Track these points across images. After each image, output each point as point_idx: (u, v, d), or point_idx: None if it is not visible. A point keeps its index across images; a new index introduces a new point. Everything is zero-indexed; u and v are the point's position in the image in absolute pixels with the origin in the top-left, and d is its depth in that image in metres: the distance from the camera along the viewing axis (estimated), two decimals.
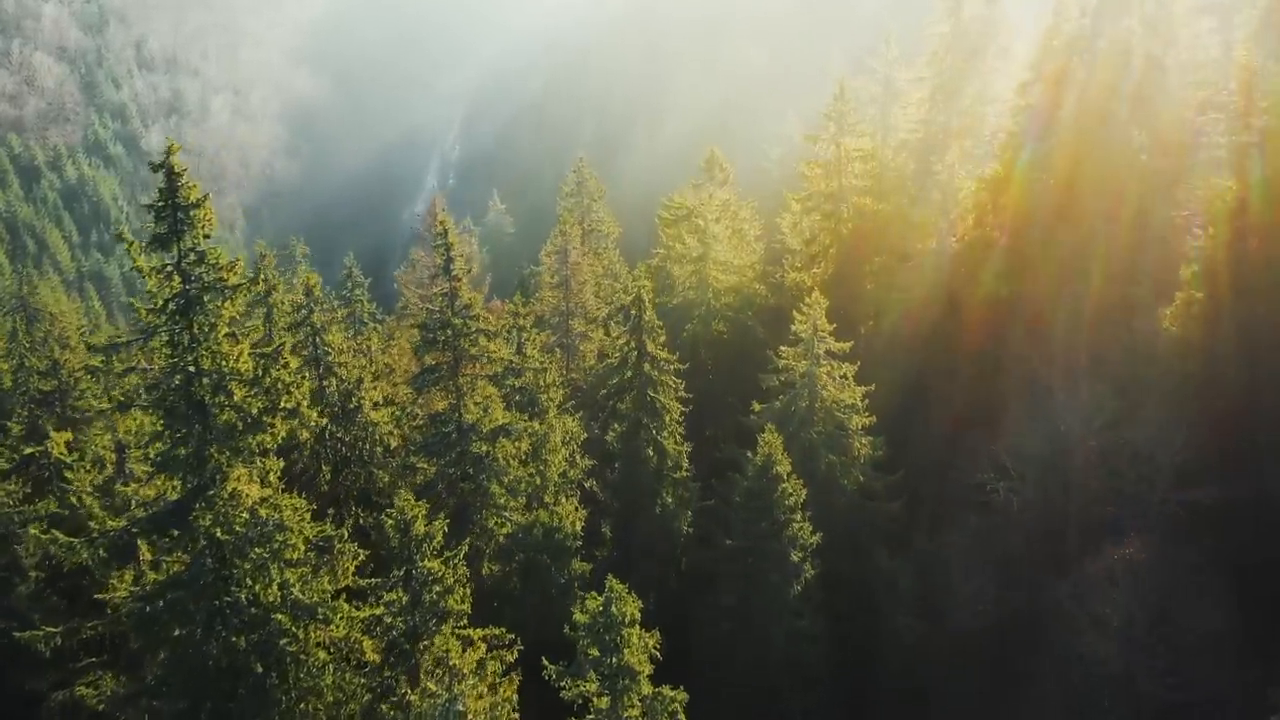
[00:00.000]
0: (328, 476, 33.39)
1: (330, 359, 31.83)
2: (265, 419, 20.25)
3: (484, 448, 28.88)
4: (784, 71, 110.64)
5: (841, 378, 33.10)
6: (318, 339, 31.84)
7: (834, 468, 32.98)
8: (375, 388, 33.22)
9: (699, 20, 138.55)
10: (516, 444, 29.22)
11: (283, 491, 21.84)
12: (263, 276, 33.17)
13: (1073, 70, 45.43)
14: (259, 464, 20.54)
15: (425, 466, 29.12)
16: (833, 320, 39.11)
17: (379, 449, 32.45)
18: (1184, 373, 36.34)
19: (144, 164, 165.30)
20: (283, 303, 33.16)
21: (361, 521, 33.62)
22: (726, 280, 52.10)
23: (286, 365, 20.18)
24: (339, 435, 33.00)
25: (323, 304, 32.19)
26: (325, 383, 32.24)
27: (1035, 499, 36.87)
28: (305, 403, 20.45)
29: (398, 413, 31.18)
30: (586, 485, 36.35)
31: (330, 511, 22.16)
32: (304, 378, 20.78)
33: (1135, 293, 41.03)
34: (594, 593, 20.02)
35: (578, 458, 35.66)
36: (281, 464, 21.47)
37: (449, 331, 27.87)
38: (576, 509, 34.38)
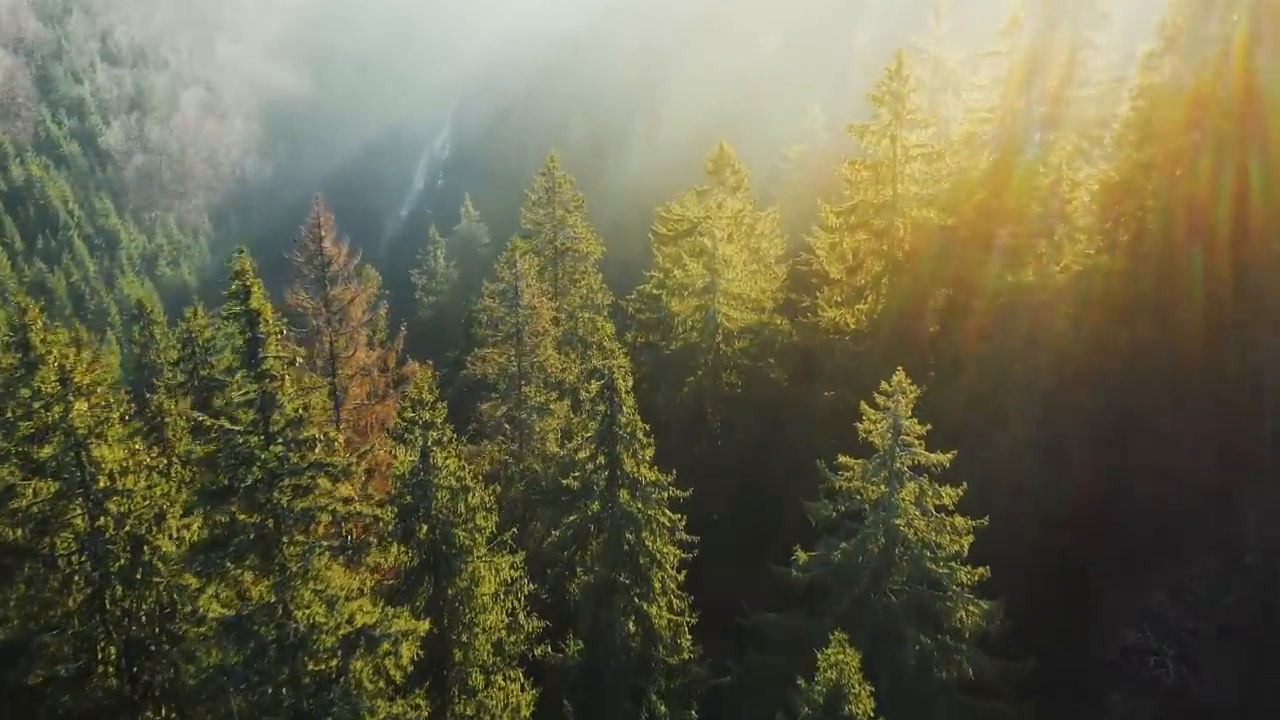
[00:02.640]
0: (114, 661, 20.90)
1: (100, 486, 19.30)
2: None
3: (330, 665, 16.39)
4: (800, 58, 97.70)
5: (939, 510, 20.56)
6: (82, 453, 19.31)
7: (927, 654, 20.44)
8: (192, 523, 20.62)
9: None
10: (393, 654, 16.65)
11: None
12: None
13: (1226, 36, 32.90)
14: None
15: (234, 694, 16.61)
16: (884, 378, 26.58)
17: (188, 625, 19.93)
18: None
19: (102, 163, 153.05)
20: (42, 382, 20.54)
21: None
22: (741, 318, 39.59)
23: None
24: (125, 603, 20.49)
25: (93, 390, 19.64)
26: (98, 523, 19.73)
27: (1220, 678, 24.33)
28: None
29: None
30: (535, 654, 23.98)
31: None
32: None
33: None
34: None
35: (521, 616, 23.30)
36: None
37: (257, 473, 15.47)
38: (523, 687, 22.34)
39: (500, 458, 30.32)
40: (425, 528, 21.75)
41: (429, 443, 21.30)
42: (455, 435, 22.31)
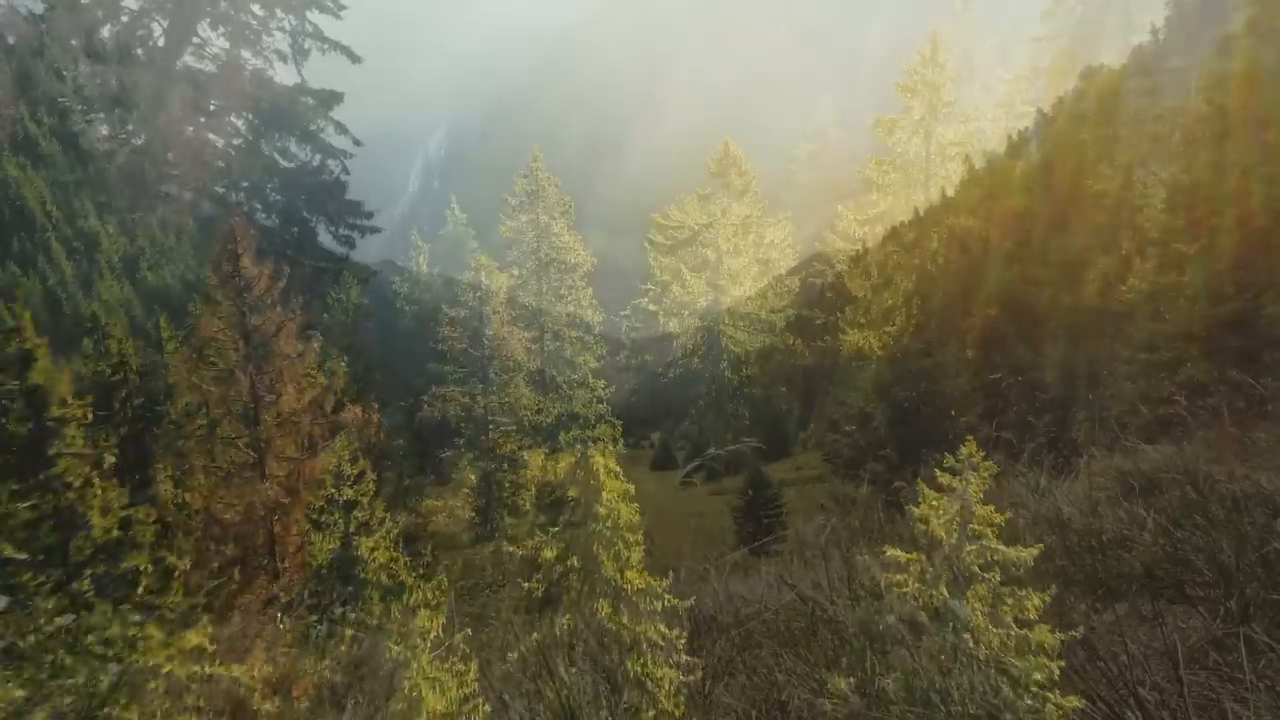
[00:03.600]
0: None
1: None
2: None
3: None
4: (806, 57, 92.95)
5: (1018, 624, 15.46)
6: None
7: None
8: None
9: None
10: None
11: None
12: None
13: None
14: None
15: None
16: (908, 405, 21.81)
17: None
18: None
19: (82, 162, 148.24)
20: None
21: None
22: (750, 341, 34.68)
23: None
24: None
25: None
26: None
27: None
28: None
29: None
30: None
31: None
32: None
33: None
34: None
35: None
36: None
37: (49, 628, 10.65)
38: None
39: (464, 517, 25.38)
40: (350, 635, 16.79)
41: (352, 528, 16.44)
42: (389, 515, 17.42)
